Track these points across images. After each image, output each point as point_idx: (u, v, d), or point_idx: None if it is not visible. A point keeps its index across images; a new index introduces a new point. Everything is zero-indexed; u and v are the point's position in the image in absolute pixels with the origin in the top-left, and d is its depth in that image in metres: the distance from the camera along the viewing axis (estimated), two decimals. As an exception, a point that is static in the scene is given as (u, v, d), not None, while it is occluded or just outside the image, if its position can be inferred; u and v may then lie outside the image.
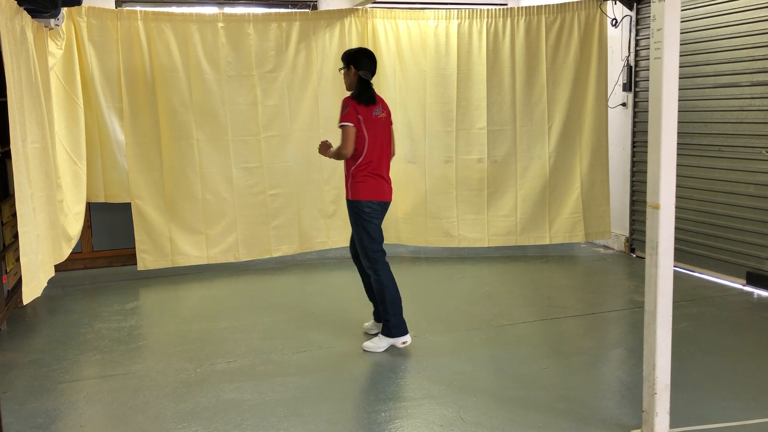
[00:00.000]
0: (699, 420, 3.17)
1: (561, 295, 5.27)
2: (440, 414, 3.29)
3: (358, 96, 4.04)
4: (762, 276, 5.12)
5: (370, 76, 4.09)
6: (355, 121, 4.00)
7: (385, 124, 4.15)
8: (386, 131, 4.17)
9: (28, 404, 3.49)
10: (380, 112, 4.11)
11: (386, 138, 4.16)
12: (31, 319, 4.96)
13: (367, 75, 4.08)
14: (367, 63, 4.08)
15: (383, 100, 4.24)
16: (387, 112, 4.19)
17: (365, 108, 4.02)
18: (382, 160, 4.12)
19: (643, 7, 6.10)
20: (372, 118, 4.04)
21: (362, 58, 4.10)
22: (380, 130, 4.10)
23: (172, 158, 5.77)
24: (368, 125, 4.02)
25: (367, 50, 4.21)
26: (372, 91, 4.08)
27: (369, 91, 4.06)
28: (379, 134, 4.09)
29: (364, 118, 4.01)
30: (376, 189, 4.07)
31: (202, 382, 3.72)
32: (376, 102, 4.08)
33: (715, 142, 5.47)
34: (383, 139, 4.12)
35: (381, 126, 4.10)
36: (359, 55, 4.11)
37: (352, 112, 3.99)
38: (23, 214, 3.64)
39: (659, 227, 2.83)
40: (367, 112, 4.02)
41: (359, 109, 4.01)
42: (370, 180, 4.06)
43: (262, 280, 5.91)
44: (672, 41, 2.76)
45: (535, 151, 6.33)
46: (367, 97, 4.04)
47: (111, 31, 5.55)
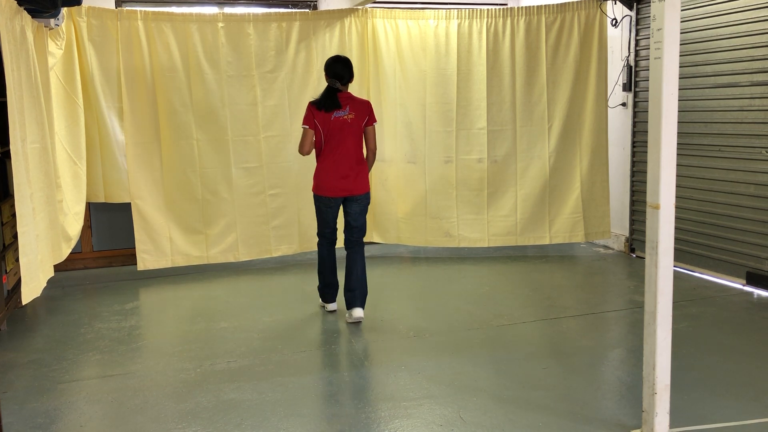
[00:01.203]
0: (699, 420, 3.17)
1: (561, 295, 5.27)
2: (440, 414, 3.29)
3: (316, 101, 4.48)
4: (762, 276, 5.12)
5: (336, 82, 4.48)
6: (311, 123, 4.44)
7: (350, 125, 4.47)
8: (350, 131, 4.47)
9: (28, 404, 3.49)
10: (344, 114, 4.46)
11: (349, 137, 4.48)
12: (31, 319, 4.96)
13: (333, 82, 4.48)
14: (332, 71, 4.50)
15: (362, 101, 4.56)
16: (358, 113, 4.49)
17: (322, 112, 4.43)
18: (340, 158, 4.49)
19: (643, 7, 6.10)
20: (330, 120, 4.43)
21: (330, 66, 4.52)
22: (339, 130, 4.45)
23: (172, 158, 5.77)
24: (324, 126, 4.44)
25: (338, 57, 4.58)
26: (331, 98, 4.45)
27: (327, 99, 4.45)
28: (339, 134, 4.46)
29: (320, 121, 4.43)
30: (320, 185, 4.57)
31: (202, 382, 3.72)
32: (341, 106, 4.44)
33: (715, 142, 5.47)
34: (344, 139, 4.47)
35: (340, 127, 4.45)
36: (328, 64, 4.55)
37: (309, 115, 4.46)
38: (23, 214, 3.64)
39: (659, 227, 2.83)
40: (325, 115, 4.43)
41: (315, 113, 4.44)
42: (322, 176, 4.55)
43: (262, 280, 5.91)
44: (672, 41, 2.76)
45: (535, 151, 6.33)
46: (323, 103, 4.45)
47: (111, 31, 5.55)
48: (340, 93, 4.48)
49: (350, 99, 4.51)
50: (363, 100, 4.58)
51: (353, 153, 4.51)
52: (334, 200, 4.56)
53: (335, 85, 4.48)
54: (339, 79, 4.47)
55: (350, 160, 4.50)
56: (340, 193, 4.53)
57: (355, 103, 4.51)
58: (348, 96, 4.51)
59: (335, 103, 4.44)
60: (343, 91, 4.50)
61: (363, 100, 4.58)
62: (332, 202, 4.57)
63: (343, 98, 4.47)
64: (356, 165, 4.53)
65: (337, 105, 4.43)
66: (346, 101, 4.48)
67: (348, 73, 4.50)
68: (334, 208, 4.60)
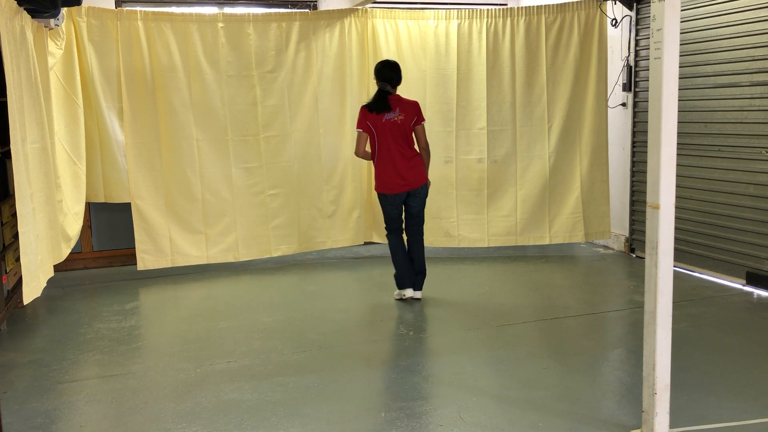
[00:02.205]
0: (699, 420, 3.17)
1: (561, 295, 5.27)
2: (440, 414, 3.29)
3: (368, 104, 4.83)
4: (762, 276, 5.12)
5: (386, 85, 4.82)
6: (364, 126, 4.79)
7: (399, 125, 4.77)
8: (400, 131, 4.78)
9: (28, 404, 3.49)
10: (394, 115, 4.76)
11: (401, 137, 4.78)
12: (31, 319, 4.96)
13: (384, 85, 4.82)
14: (382, 75, 4.83)
15: (410, 102, 4.87)
16: (407, 113, 4.80)
17: (374, 114, 4.76)
18: (395, 156, 4.79)
19: (643, 7, 6.10)
20: (382, 122, 4.75)
21: (380, 71, 4.85)
22: (390, 131, 4.76)
23: (172, 158, 5.77)
24: (377, 128, 4.77)
25: (387, 62, 4.90)
26: (382, 101, 4.77)
27: (378, 102, 4.78)
28: (392, 135, 4.77)
29: (372, 123, 4.76)
30: (382, 184, 4.87)
31: (202, 382, 3.72)
32: (391, 108, 4.76)
33: (715, 142, 5.47)
34: (396, 138, 4.78)
35: (391, 127, 4.76)
36: (378, 69, 4.88)
37: (361, 119, 4.81)
38: (23, 214, 3.64)
39: (659, 227, 2.83)
40: (377, 117, 4.75)
41: (367, 116, 4.79)
42: (383, 176, 4.85)
43: (262, 280, 5.91)
44: (672, 41, 2.76)
45: (535, 151, 6.33)
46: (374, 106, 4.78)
47: (111, 31, 5.55)
48: (390, 95, 4.80)
49: (399, 101, 4.81)
50: (411, 101, 4.88)
51: (406, 150, 4.82)
52: (398, 196, 4.86)
53: (385, 88, 4.81)
54: (389, 82, 4.81)
55: (404, 157, 4.81)
56: (401, 188, 4.83)
57: (404, 105, 4.81)
58: (397, 98, 4.82)
59: (386, 105, 4.75)
60: (392, 93, 4.81)
61: (411, 101, 4.88)
62: (396, 198, 4.87)
63: (393, 100, 4.79)
64: (410, 160, 4.83)
65: (387, 107, 4.75)
66: (396, 103, 4.79)
67: (397, 77, 4.84)
68: (398, 204, 4.91)
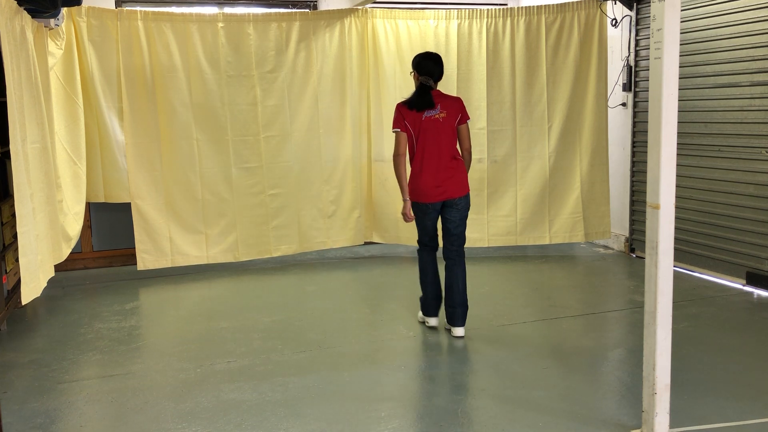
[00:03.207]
0: (699, 420, 3.17)
1: (561, 295, 5.27)
2: (440, 414, 3.29)
3: (407, 101, 4.23)
4: (762, 276, 5.12)
5: (428, 80, 4.23)
6: (402, 126, 4.20)
7: (442, 124, 4.20)
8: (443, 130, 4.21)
9: (28, 404, 3.49)
10: (436, 113, 4.19)
11: (443, 137, 4.21)
12: (31, 319, 4.96)
13: (426, 79, 4.22)
14: (423, 68, 4.24)
15: (453, 98, 4.32)
16: (450, 111, 4.23)
17: (413, 112, 4.18)
18: (435, 160, 4.20)
19: (643, 7, 6.10)
20: (422, 120, 4.17)
21: (420, 63, 4.27)
22: (431, 130, 4.19)
23: (172, 158, 5.77)
24: (415, 127, 4.19)
25: (428, 54, 4.35)
26: (424, 97, 4.19)
27: (420, 98, 4.20)
28: (432, 135, 4.19)
29: (411, 121, 4.18)
30: (416, 191, 4.24)
31: (202, 382, 3.72)
32: (434, 105, 4.19)
33: (715, 142, 5.47)
34: (437, 139, 4.20)
35: (433, 127, 4.19)
36: (417, 61, 4.30)
37: (398, 118, 4.21)
38: (23, 214, 3.64)
39: (659, 227, 2.83)
40: (417, 115, 4.18)
41: (405, 113, 4.20)
42: (418, 182, 4.23)
43: (262, 280, 5.91)
44: (672, 41, 2.76)
45: (535, 151, 6.33)
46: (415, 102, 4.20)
47: (111, 31, 5.54)
48: (432, 91, 4.23)
49: (441, 97, 4.25)
50: (455, 98, 4.34)
51: (447, 153, 4.21)
52: (432, 206, 4.23)
53: (428, 82, 4.22)
54: (430, 76, 4.23)
55: (445, 162, 4.20)
56: (438, 197, 4.20)
57: (447, 101, 4.25)
58: (438, 94, 4.25)
59: (428, 102, 4.18)
60: (434, 89, 4.25)
61: (455, 98, 4.34)
62: (430, 208, 4.23)
63: (435, 96, 4.22)
64: (451, 166, 4.23)
65: (430, 104, 4.18)
66: (438, 99, 4.22)
67: (439, 70, 4.26)
68: (433, 214, 4.27)
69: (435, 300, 4.45)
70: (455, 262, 4.34)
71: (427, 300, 4.46)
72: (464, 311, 4.33)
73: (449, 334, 4.39)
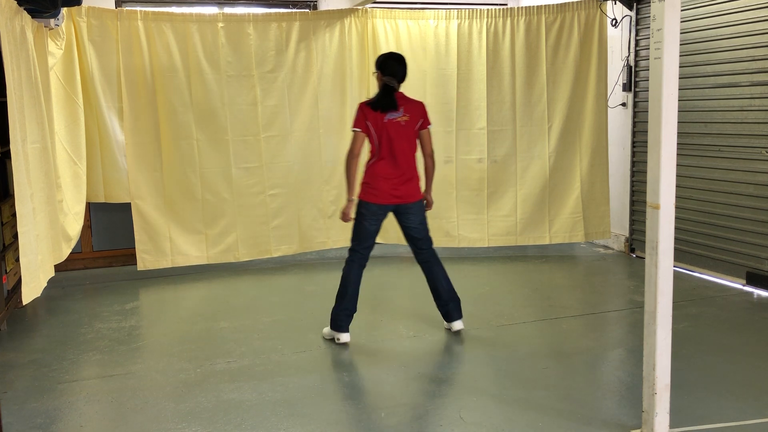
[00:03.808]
0: (699, 420, 3.17)
1: (561, 295, 5.27)
2: (440, 414, 3.29)
3: (371, 101, 4.16)
4: (762, 276, 5.12)
5: (392, 80, 4.15)
6: (362, 126, 4.12)
7: (404, 127, 4.14)
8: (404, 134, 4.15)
9: (28, 404, 3.49)
10: (398, 116, 4.13)
11: (404, 141, 4.15)
12: (31, 319, 4.96)
13: (390, 80, 4.15)
14: (388, 68, 4.17)
15: (416, 102, 4.26)
16: (413, 114, 4.17)
17: (377, 113, 4.11)
18: (394, 163, 4.15)
19: (643, 7, 6.10)
20: (383, 122, 4.10)
21: (384, 63, 4.20)
22: (396, 134, 4.12)
23: (172, 158, 5.77)
24: (377, 129, 4.11)
25: (392, 54, 4.30)
26: (388, 98, 4.13)
27: (384, 99, 4.13)
28: (393, 138, 4.12)
29: (373, 123, 4.10)
30: (371, 191, 4.16)
31: (202, 382, 3.72)
32: (397, 107, 4.13)
33: (715, 142, 5.47)
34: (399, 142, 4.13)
35: (394, 129, 4.12)
36: (381, 61, 4.22)
37: (360, 117, 4.13)
38: (23, 214, 3.64)
39: (659, 227, 2.83)
40: (379, 116, 4.10)
41: (368, 114, 4.11)
42: (373, 182, 4.16)
43: (262, 280, 5.91)
44: (672, 41, 2.76)
45: (535, 151, 6.33)
46: (379, 103, 4.12)
47: (111, 31, 5.55)
48: (396, 93, 4.16)
49: (404, 100, 4.20)
50: (417, 102, 4.27)
51: (407, 158, 4.18)
52: (383, 208, 4.17)
53: (391, 83, 4.14)
54: (394, 76, 4.15)
55: (403, 166, 4.16)
56: (392, 201, 4.16)
57: (410, 105, 4.20)
58: (402, 96, 4.20)
59: (392, 104, 4.11)
60: (398, 90, 4.18)
61: (417, 102, 4.27)
62: (381, 210, 4.17)
63: (398, 99, 4.16)
64: (411, 172, 4.20)
65: (393, 106, 4.11)
66: (401, 102, 4.16)
67: (402, 71, 4.19)
68: (381, 218, 4.20)
69: (349, 315, 4.25)
70: (431, 263, 4.32)
71: (340, 313, 4.23)
72: (457, 305, 4.35)
73: (450, 332, 4.39)
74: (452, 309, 4.34)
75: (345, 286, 4.24)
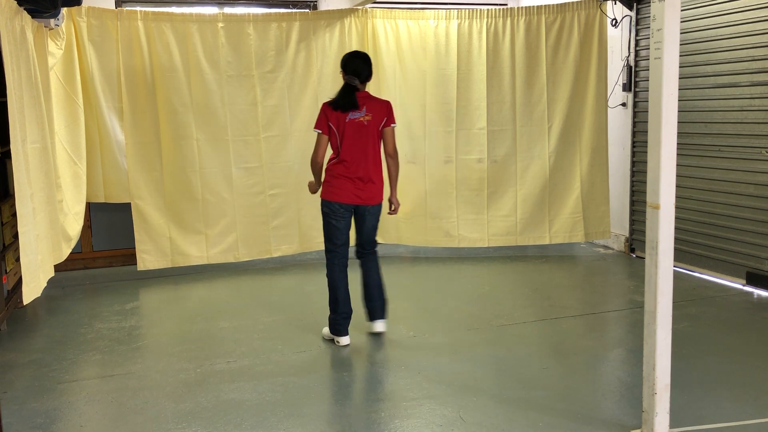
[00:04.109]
0: (699, 420, 3.17)
1: (561, 295, 5.27)
2: (440, 414, 3.29)
3: (332, 101, 4.14)
4: (762, 276, 5.12)
5: (354, 80, 4.12)
6: (324, 127, 4.12)
7: (366, 127, 4.12)
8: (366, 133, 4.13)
9: (28, 404, 3.49)
10: (360, 115, 4.10)
11: (366, 140, 4.14)
12: (31, 319, 4.96)
13: (352, 79, 4.12)
14: (350, 67, 4.14)
15: (380, 101, 4.24)
16: (376, 113, 4.14)
17: (338, 113, 4.09)
18: (356, 163, 4.13)
19: (643, 7, 6.10)
20: (345, 122, 4.09)
21: (348, 62, 4.18)
22: (355, 133, 4.11)
23: (172, 158, 5.77)
24: (339, 128, 4.10)
25: (356, 53, 4.28)
26: (349, 98, 4.10)
27: (345, 98, 4.10)
28: (355, 138, 4.11)
29: (335, 122, 4.09)
30: (333, 190, 4.15)
31: (202, 382, 3.72)
32: (358, 106, 4.10)
33: (715, 142, 5.47)
34: (360, 142, 4.12)
35: (356, 129, 4.11)
36: (345, 60, 4.21)
37: (322, 118, 4.13)
38: (23, 214, 3.64)
39: (659, 227, 2.83)
40: (341, 116, 4.09)
41: (329, 114, 4.11)
42: (334, 181, 4.15)
43: (262, 280, 5.91)
44: (672, 41, 2.76)
45: (535, 151, 6.33)
46: (339, 103, 4.10)
47: (111, 31, 5.55)
48: (358, 92, 4.13)
49: (368, 99, 4.16)
50: (382, 101, 4.24)
51: (370, 158, 4.15)
52: (346, 207, 4.16)
53: (353, 82, 4.12)
54: (357, 76, 4.12)
55: (366, 166, 4.14)
56: (353, 200, 4.15)
57: (373, 104, 4.16)
58: (366, 95, 4.17)
59: (353, 103, 4.09)
60: (361, 90, 4.16)
61: (382, 101, 4.24)
62: (344, 209, 4.16)
63: (361, 98, 4.12)
64: (373, 173, 4.18)
65: (354, 105, 4.08)
66: (364, 101, 4.13)
67: (367, 70, 4.15)
68: (347, 216, 4.20)
69: (345, 319, 4.25)
70: (369, 259, 4.34)
71: (337, 319, 4.23)
72: (383, 305, 4.34)
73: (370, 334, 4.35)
74: (378, 308, 4.33)
75: (334, 293, 4.24)
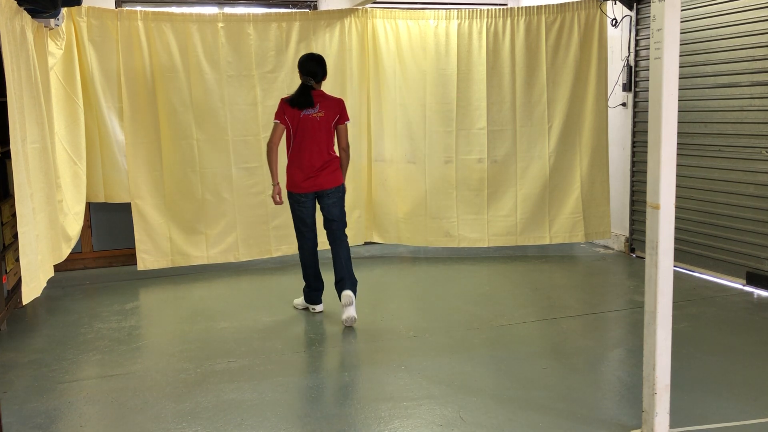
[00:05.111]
0: (699, 420, 3.17)
1: (561, 295, 5.27)
2: (440, 414, 3.29)
3: (289, 98, 4.54)
4: (762, 276, 5.12)
5: (309, 80, 4.53)
6: (281, 119, 4.52)
7: (318, 123, 4.51)
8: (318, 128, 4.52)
9: (28, 404, 3.49)
10: (313, 112, 4.50)
11: (319, 135, 4.52)
12: (31, 319, 4.96)
13: (307, 79, 4.53)
14: (305, 68, 4.56)
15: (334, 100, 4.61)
16: (328, 111, 4.54)
17: (295, 109, 4.49)
18: (308, 155, 4.53)
19: (643, 7, 6.10)
20: (299, 118, 4.49)
21: (304, 64, 4.59)
22: (308, 128, 4.50)
23: (172, 158, 5.77)
24: (293, 123, 4.51)
25: (311, 55, 4.67)
26: (304, 96, 4.49)
27: (300, 97, 4.49)
28: (308, 132, 4.51)
29: (290, 117, 4.50)
30: (291, 182, 4.60)
31: (202, 382, 3.72)
32: (313, 104, 4.49)
33: (715, 142, 5.47)
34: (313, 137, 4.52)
35: (309, 125, 4.50)
36: (301, 61, 4.62)
37: (280, 111, 4.54)
38: (23, 214, 3.64)
39: (659, 227, 2.83)
40: (296, 112, 4.49)
41: (286, 109, 4.51)
42: (293, 174, 4.59)
43: (262, 280, 5.91)
44: (672, 41, 2.76)
45: (535, 151, 6.33)
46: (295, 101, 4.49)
47: (111, 31, 5.55)
48: (314, 91, 4.53)
49: (322, 97, 4.56)
50: (336, 99, 4.63)
51: (322, 149, 4.55)
52: (305, 196, 4.60)
53: (309, 83, 4.53)
54: (312, 76, 4.53)
55: (319, 157, 4.54)
56: (309, 189, 4.57)
57: (327, 102, 4.56)
58: (320, 94, 4.56)
59: (308, 101, 4.49)
60: (316, 89, 4.56)
61: (336, 99, 4.63)
62: (304, 198, 4.60)
63: (316, 96, 4.52)
64: (326, 161, 4.56)
65: (309, 103, 4.49)
66: (318, 99, 4.53)
67: (321, 71, 4.57)
68: (308, 204, 4.63)
69: (317, 291, 4.84)
70: (338, 243, 4.67)
71: (310, 292, 4.85)
72: (351, 280, 4.62)
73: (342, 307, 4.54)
74: (345, 280, 4.60)
75: (306, 270, 4.80)
